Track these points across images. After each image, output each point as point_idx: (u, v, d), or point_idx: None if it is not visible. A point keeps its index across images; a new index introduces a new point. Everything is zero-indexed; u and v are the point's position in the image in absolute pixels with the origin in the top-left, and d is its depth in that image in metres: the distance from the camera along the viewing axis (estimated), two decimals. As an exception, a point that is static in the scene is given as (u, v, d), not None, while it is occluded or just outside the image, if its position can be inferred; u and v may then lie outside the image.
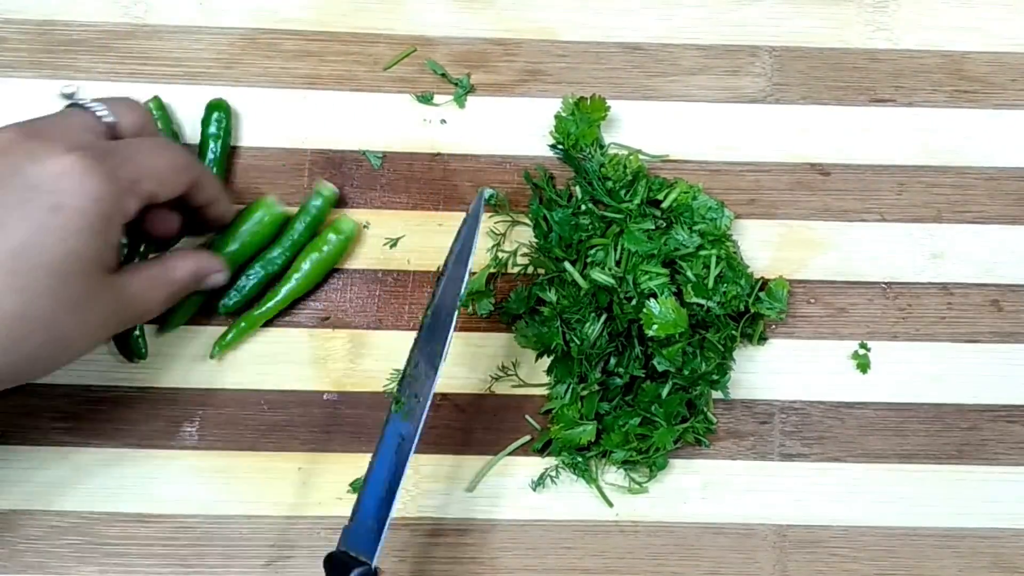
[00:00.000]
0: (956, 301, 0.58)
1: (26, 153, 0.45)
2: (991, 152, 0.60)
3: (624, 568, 0.55)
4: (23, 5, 0.59)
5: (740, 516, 0.56)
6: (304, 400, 0.56)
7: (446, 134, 0.59)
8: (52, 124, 0.48)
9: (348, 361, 0.56)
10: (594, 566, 0.55)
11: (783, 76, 0.61)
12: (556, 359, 0.55)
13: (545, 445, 0.55)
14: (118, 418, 0.55)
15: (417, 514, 0.55)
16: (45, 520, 0.54)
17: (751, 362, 0.57)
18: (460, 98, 0.59)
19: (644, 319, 0.52)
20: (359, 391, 0.56)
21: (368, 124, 0.59)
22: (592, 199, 0.56)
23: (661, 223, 0.55)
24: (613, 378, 0.54)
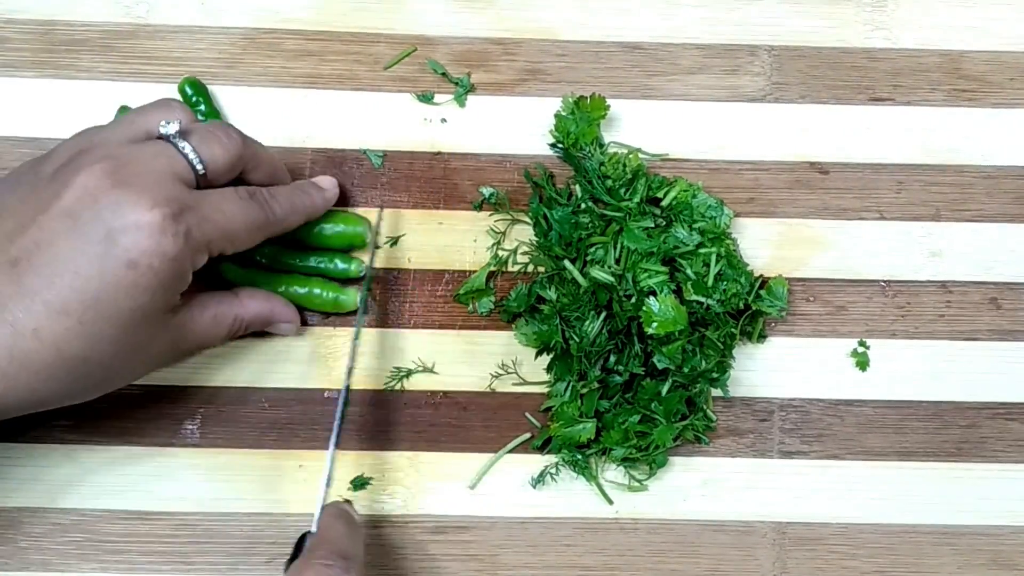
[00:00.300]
0: (955, 299, 0.59)
1: (111, 203, 0.45)
2: (989, 151, 0.60)
3: (624, 565, 0.55)
4: (25, 5, 0.59)
5: (740, 513, 0.56)
6: (305, 398, 0.56)
7: (446, 133, 0.59)
8: (142, 168, 0.46)
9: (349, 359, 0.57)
10: (594, 563, 0.55)
11: (782, 75, 0.61)
12: (556, 357, 0.55)
13: (545, 443, 0.56)
14: (120, 416, 0.55)
15: (417, 511, 0.55)
16: (47, 518, 0.54)
17: (750, 360, 0.58)
18: (460, 97, 0.60)
19: (644, 317, 0.52)
20: (359, 389, 0.56)
21: (369, 123, 0.59)
22: (592, 197, 0.56)
23: (661, 221, 0.56)
24: (613, 376, 0.54)
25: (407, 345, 0.57)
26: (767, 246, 0.59)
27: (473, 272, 0.57)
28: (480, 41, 0.60)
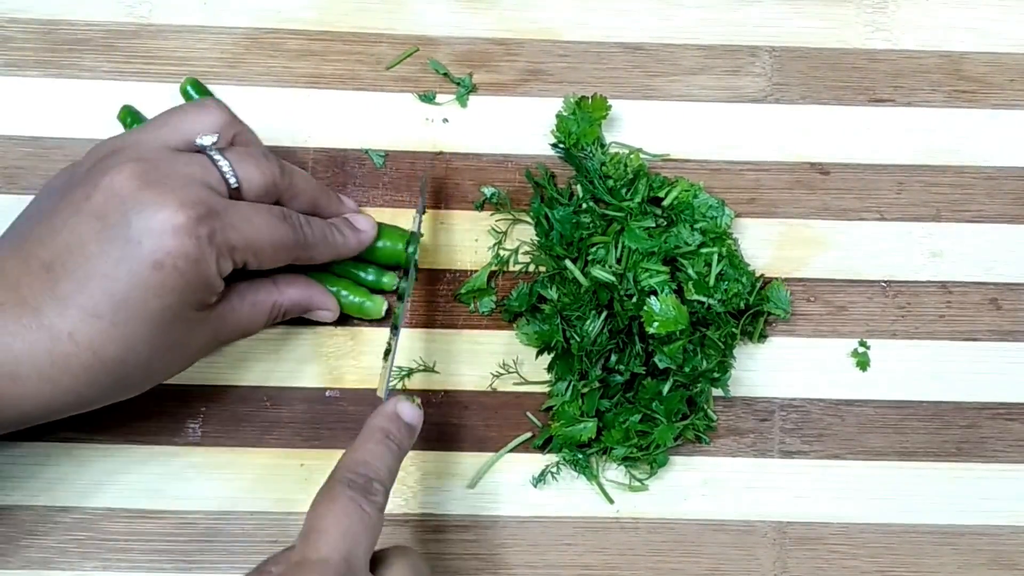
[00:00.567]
0: (955, 299, 0.59)
1: (138, 204, 0.45)
2: (989, 151, 0.60)
3: (624, 564, 0.55)
4: (28, 4, 0.59)
5: (740, 513, 0.56)
6: (306, 397, 0.56)
7: (448, 133, 0.59)
8: (174, 171, 0.46)
9: (350, 358, 0.57)
10: (594, 562, 0.55)
11: (783, 76, 0.61)
12: (557, 356, 0.55)
13: (546, 442, 0.56)
14: (122, 415, 0.55)
15: (419, 510, 0.55)
16: (48, 516, 0.54)
17: (751, 360, 0.58)
18: (462, 97, 0.60)
19: (645, 316, 0.52)
20: (361, 388, 0.56)
21: (371, 123, 0.59)
22: (593, 197, 0.57)
23: (662, 221, 0.56)
24: (614, 375, 0.55)
25: (408, 344, 0.57)
26: (768, 246, 0.59)
27: (474, 272, 0.57)
28: (482, 41, 0.60)
